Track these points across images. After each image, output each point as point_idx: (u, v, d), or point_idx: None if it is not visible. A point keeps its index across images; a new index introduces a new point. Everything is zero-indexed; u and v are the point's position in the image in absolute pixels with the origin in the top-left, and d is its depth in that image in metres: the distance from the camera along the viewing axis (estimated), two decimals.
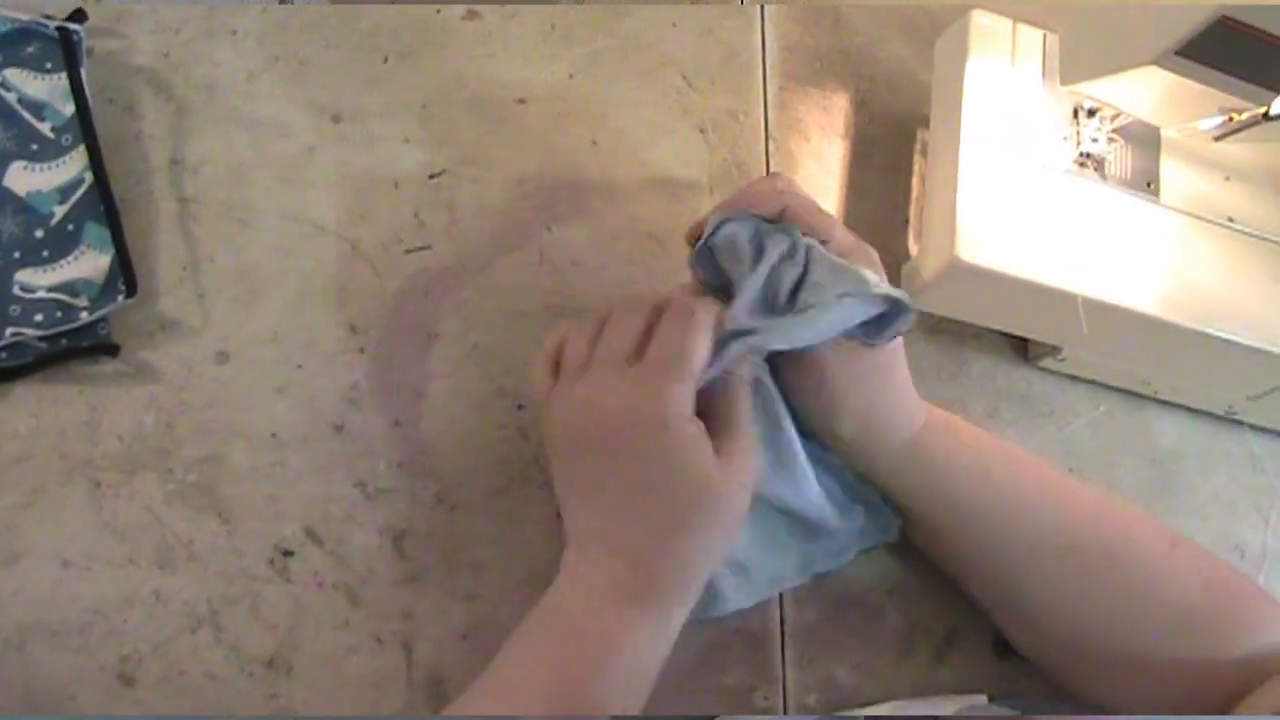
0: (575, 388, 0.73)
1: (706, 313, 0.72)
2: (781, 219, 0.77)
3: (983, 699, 0.86)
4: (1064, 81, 0.96)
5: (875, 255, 0.79)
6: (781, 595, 0.89)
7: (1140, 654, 0.78)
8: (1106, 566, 0.79)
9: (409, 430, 0.89)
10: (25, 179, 0.87)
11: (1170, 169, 0.99)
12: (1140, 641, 0.78)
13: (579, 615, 0.71)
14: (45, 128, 0.88)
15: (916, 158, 1.08)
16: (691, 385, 0.71)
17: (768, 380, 0.79)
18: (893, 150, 1.08)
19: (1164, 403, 1.04)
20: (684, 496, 0.70)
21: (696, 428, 0.70)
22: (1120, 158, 0.98)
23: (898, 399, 0.81)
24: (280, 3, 1.02)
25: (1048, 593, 0.81)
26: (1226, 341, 0.93)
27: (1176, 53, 0.83)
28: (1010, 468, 0.82)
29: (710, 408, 0.73)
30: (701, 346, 0.71)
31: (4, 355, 0.84)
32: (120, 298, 0.85)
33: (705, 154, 1.03)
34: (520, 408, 0.91)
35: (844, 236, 0.78)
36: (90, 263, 0.86)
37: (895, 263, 1.00)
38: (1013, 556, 0.80)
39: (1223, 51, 0.83)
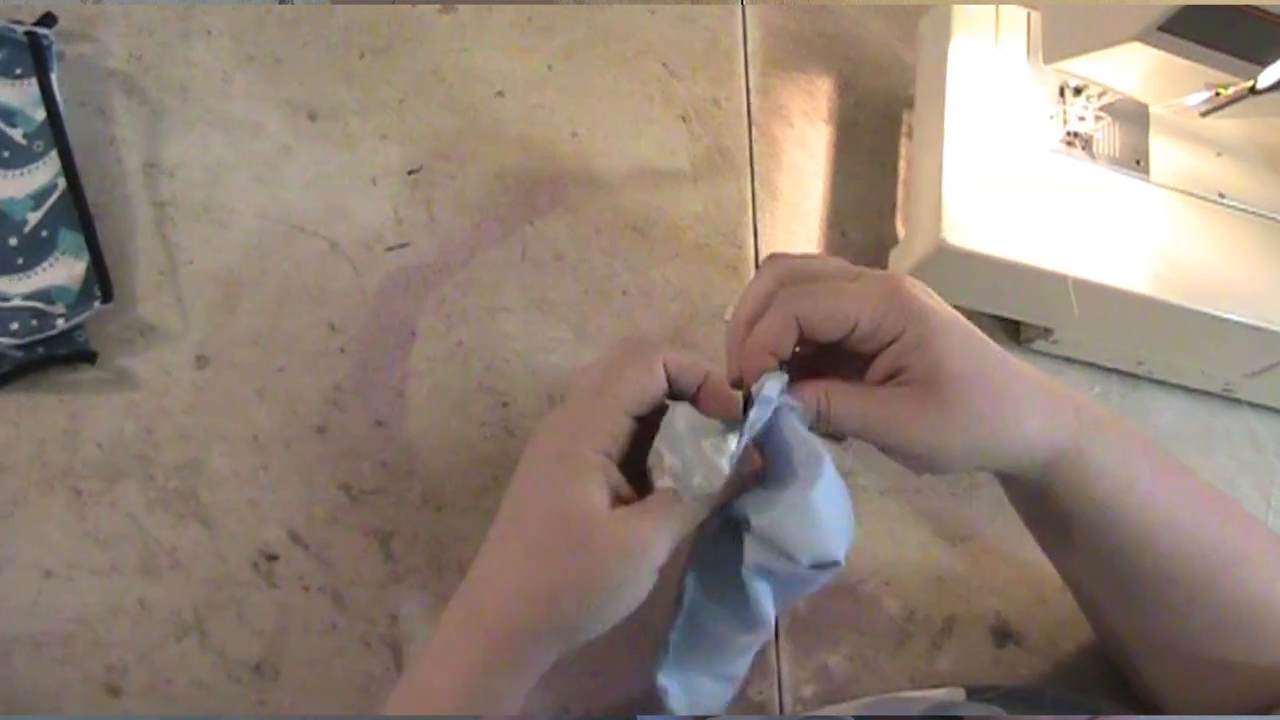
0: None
1: (655, 355, 0.70)
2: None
3: (960, 693, 0.84)
4: (1047, 60, 0.95)
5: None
6: None
7: (1243, 661, 0.77)
8: (1220, 583, 0.76)
9: (392, 430, 0.88)
10: None
11: (1159, 146, 0.98)
12: (1246, 650, 0.77)
13: (427, 674, 0.69)
14: (16, 134, 0.88)
15: (902, 140, 1.07)
16: (614, 419, 0.68)
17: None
18: (878, 133, 1.07)
19: (1160, 382, 1.03)
20: (557, 525, 0.67)
21: (600, 463, 0.67)
22: (1108, 136, 0.97)
23: (1024, 429, 0.70)
24: (280, 2, 1.01)
25: (1163, 606, 0.78)
26: (1221, 319, 0.92)
27: (1160, 28, 0.82)
28: (1152, 486, 0.75)
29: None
30: (635, 385, 0.69)
31: None
32: (97, 304, 0.84)
33: (688, 142, 1.02)
34: (505, 405, 0.90)
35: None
36: (65, 269, 0.85)
37: (883, 247, 0.99)
38: (1137, 574, 0.76)
39: (1206, 26, 0.82)
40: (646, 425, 0.70)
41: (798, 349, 0.70)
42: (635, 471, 0.70)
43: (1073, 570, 0.84)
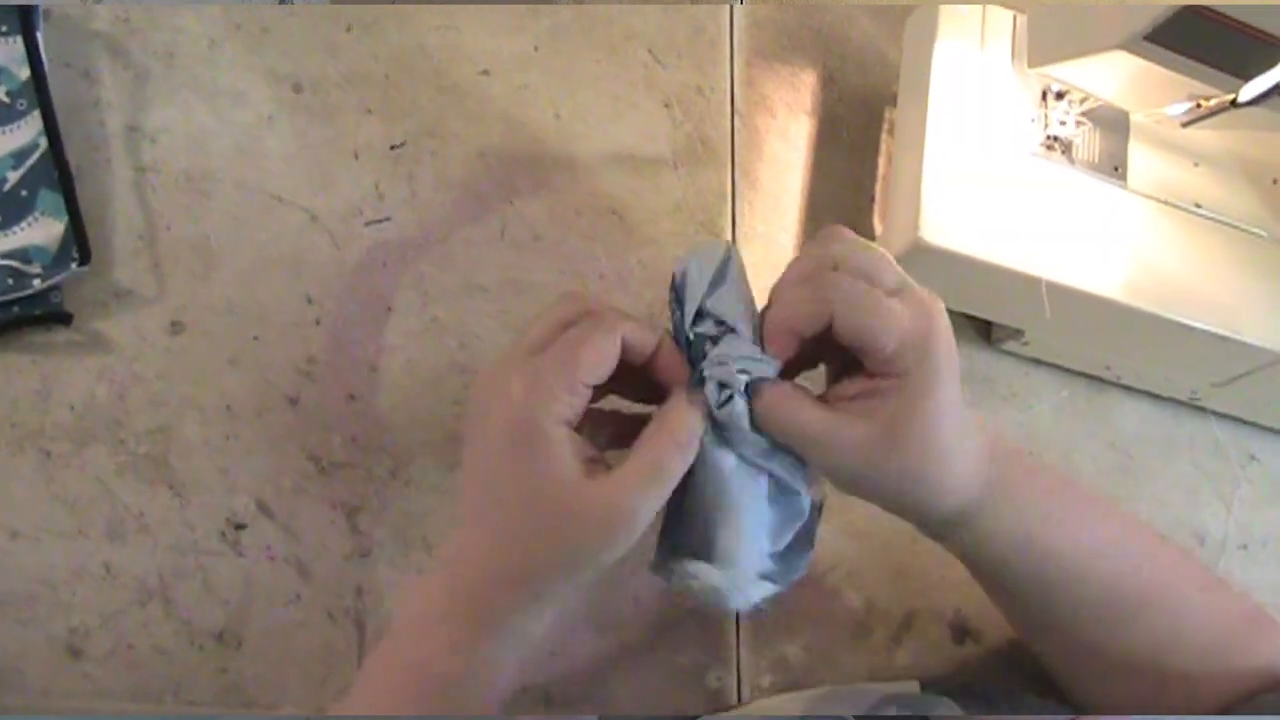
0: (487, 369, 0.71)
1: (616, 325, 0.68)
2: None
3: (914, 686, 0.85)
4: (1032, 64, 0.95)
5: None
6: None
7: (1168, 673, 0.78)
8: (1141, 615, 0.77)
9: (364, 404, 0.88)
10: None
11: (1138, 154, 0.99)
12: (1168, 670, 0.78)
13: (415, 641, 0.69)
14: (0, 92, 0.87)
15: (884, 137, 1.07)
16: (574, 388, 0.66)
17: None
18: (860, 129, 1.08)
19: (1127, 388, 1.04)
20: (534, 503, 0.66)
21: (566, 435, 0.66)
22: (1088, 141, 0.98)
23: (942, 479, 0.70)
24: (280, 3, 1.01)
25: (1072, 646, 0.80)
26: (1191, 328, 0.92)
27: (1145, 38, 0.83)
28: (1066, 522, 0.76)
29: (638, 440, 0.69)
30: (596, 355, 0.66)
31: None
32: (74, 266, 0.84)
33: (670, 129, 1.02)
34: None
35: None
36: (44, 230, 0.85)
37: None
38: (1054, 609, 0.78)
39: (1191, 38, 0.82)
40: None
41: None
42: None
43: (1001, 599, 0.85)
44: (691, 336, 0.69)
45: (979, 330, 1.02)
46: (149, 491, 0.83)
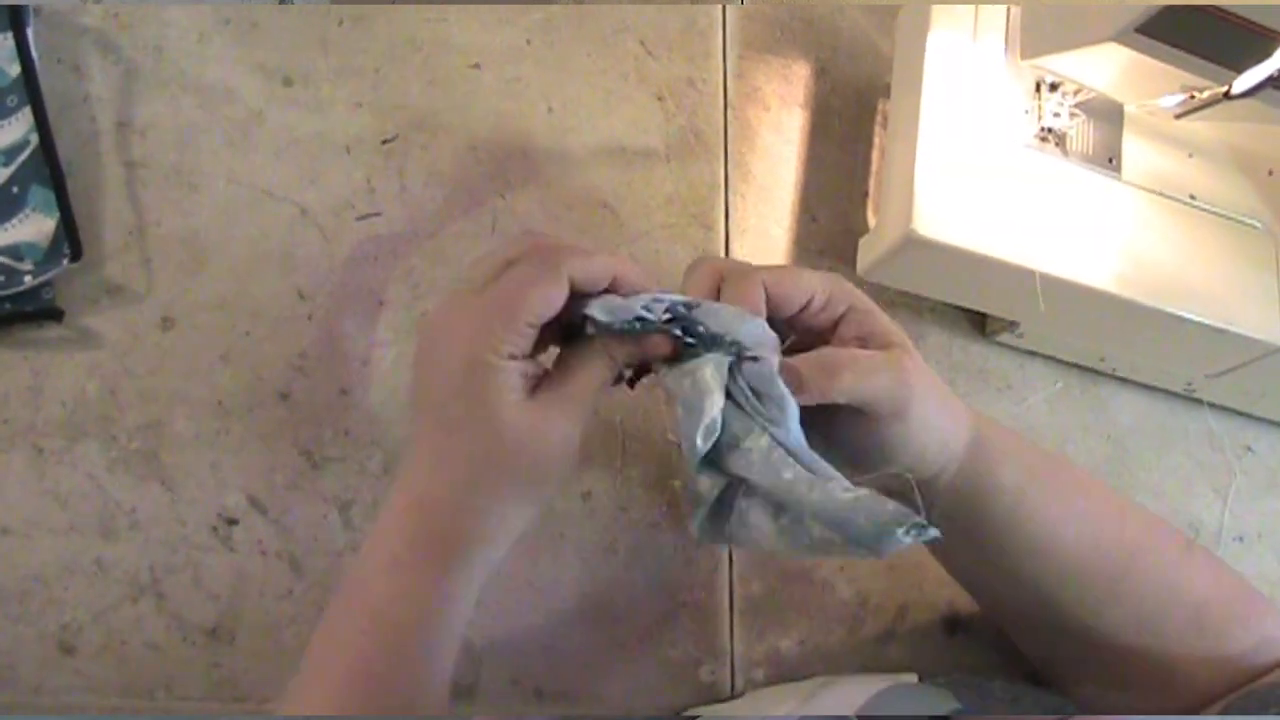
0: (434, 310, 0.71)
1: (561, 264, 0.67)
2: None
3: (912, 678, 0.85)
4: (1025, 56, 0.95)
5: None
6: (731, 567, 0.89)
7: (1159, 654, 0.79)
8: (1127, 576, 0.78)
9: (356, 398, 0.88)
10: None
11: (1132, 145, 0.98)
12: (1159, 643, 0.78)
13: (375, 587, 0.68)
14: None
15: (877, 129, 1.07)
16: (519, 330, 0.66)
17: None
18: (853, 121, 1.07)
19: (1121, 379, 1.04)
20: (482, 440, 0.67)
21: (515, 368, 0.66)
22: (1082, 133, 0.97)
23: (928, 448, 0.73)
24: (280, 3, 1.00)
25: (1071, 606, 0.80)
26: (1185, 320, 0.92)
27: (1138, 29, 0.83)
28: (1044, 490, 0.78)
29: (562, 356, 0.71)
30: (541, 298, 0.66)
31: None
32: (65, 262, 0.84)
33: (662, 122, 1.02)
34: None
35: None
36: (35, 226, 0.85)
37: (853, 234, 0.99)
38: (1040, 575, 0.79)
39: (1184, 30, 0.82)
40: None
41: None
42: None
43: (990, 587, 0.86)
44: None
45: (973, 322, 1.02)
46: (140, 487, 0.83)
